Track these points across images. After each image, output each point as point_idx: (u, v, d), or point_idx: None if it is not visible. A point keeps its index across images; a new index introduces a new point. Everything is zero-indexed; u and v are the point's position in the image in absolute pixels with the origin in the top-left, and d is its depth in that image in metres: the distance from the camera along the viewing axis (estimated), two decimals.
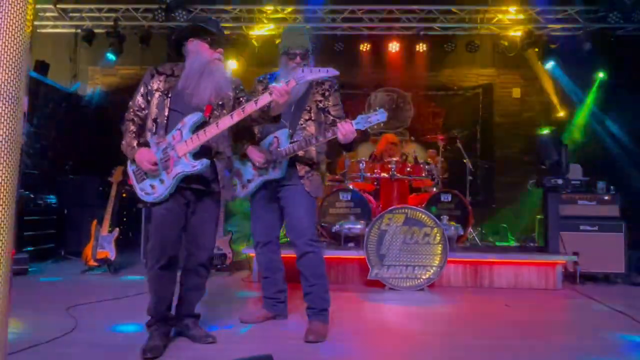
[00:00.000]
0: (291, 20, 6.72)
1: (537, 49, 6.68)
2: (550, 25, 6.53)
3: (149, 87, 2.49)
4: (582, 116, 7.22)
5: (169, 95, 2.47)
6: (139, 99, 2.49)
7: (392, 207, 4.39)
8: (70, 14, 6.89)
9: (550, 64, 6.59)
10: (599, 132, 7.11)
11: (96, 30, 6.85)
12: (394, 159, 5.40)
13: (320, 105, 2.90)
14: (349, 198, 5.19)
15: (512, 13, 6.45)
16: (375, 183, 5.61)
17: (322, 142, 2.73)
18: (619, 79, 6.91)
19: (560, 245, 4.78)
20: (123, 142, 2.46)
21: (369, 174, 5.42)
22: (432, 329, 3.04)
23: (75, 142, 6.90)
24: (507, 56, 6.89)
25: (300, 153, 2.80)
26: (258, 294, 3.13)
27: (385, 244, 4.27)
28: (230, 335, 2.74)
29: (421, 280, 4.23)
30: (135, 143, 2.44)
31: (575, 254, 4.70)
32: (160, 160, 2.39)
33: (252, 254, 4.54)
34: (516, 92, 7.52)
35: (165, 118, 2.44)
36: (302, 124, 2.85)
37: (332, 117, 2.91)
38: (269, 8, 6.61)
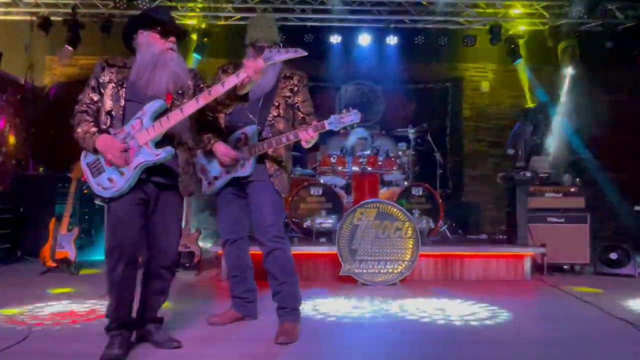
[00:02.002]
0: (260, 11, 6.54)
1: (506, 44, 6.75)
2: (518, 20, 6.60)
3: (101, 80, 2.36)
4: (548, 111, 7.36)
5: (124, 86, 2.34)
6: (90, 92, 2.36)
7: (364, 202, 4.34)
8: (25, 1, 6.50)
9: (517, 59, 6.67)
10: (565, 127, 7.28)
11: (53, 18, 6.50)
12: (365, 152, 5.36)
13: (290, 101, 2.81)
14: (320, 193, 5.11)
15: (480, 7, 6.48)
16: (347, 177, 5.56)
17: (292, 141, 2.66)
18: (584, 74, 7.08)
19: (529, 237, 4.85)
20: (78, 131, 2.30)
21: (340, 168, 5.37)
22: (404, 325, 3.00)
23: (32, 135, 6.56)
24: (476, 50, 6.93)
25: (270, 151, 2.70)
26: (227, 292, 3.00)
27: (357, 239, 4.22)
28: (197, 338, 2.62)
29: (393, 274, 4.20)
30: (94, 130, 2.28)
31: (542, 245, 4.78)
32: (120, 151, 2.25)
33: (221, 251, 4.42)
34: (485, 86, 7.60)
35: (122, 109, 2.32)
36: (270, 120, 2.76)
37: (302, 115, 2.83)
38: None
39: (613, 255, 4.95)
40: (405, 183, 5.34)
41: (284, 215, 2.91)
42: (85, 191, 5.91)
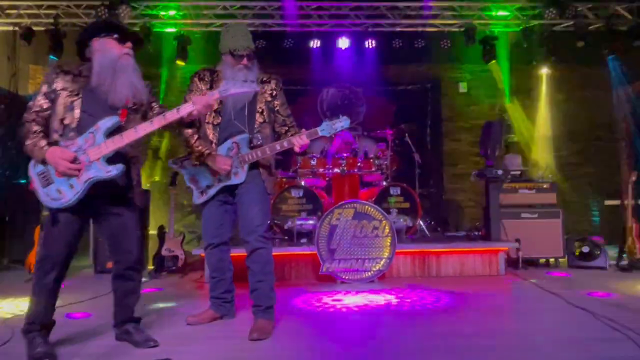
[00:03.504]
0: (240, 17, 6.66)
1: (481, 45, 6.91)
2: (492, 22, 6.77)
3: (53, 87, 2.37)
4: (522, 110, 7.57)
5: (80, 96, 2.37)
6: (40, 99, 2.36)
7: (341, 202, 4.48)
8: (7, 11, 6.56)
9: (492, 60, 6.84)
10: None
11: (35, 28, 6.56)
12: (344, 154, 5.50)
13: (270, 105, 2.94)
14: (301, 194, 5.24)
15: (455, 9, 6.65)
16: (327, 179, 5.69)
17: (285, 148, 2.78)
18: (558, 73, 7.30)
19: (502, 232, 5.01)
20: (27, 143, 2.31)
21: (320, 170, 5.50)
22: (380, 321, 3.14)
23: (17, 144, 6.60)
24: (453, 51, 7.10)
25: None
26: (209, 294, 3.13)
27: (336, 239, 4.36)
28: (177, 336, 2.74)
29: (371, 272, 4.34)
30: (43, 143, 2.30)
31: (517, 240, 4.95)
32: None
33: (204, 254, 4.53)
34: (463, 86, 7.77)
35: (76, 120, 2.35)
36: (257, 127, 2.87)
37: (282, 117, 2.97)
38: (216, 4, 6.53)
39: (585, 249, 5.13)
40: (384, 183, 5.48)
41: (269, 217, 3.04)
42: None
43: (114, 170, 2.32)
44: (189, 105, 2.41)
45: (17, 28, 6.64)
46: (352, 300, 3.66)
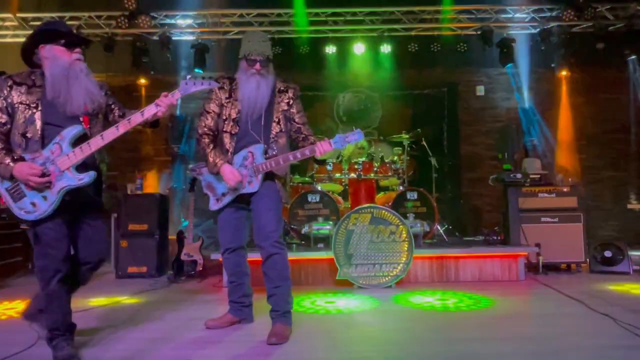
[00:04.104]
0: (256, 25, 6.75)
1: (498, 48, 6.87)
2: (509, 24, 6.72)
3: (9, 100, 2.35)
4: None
5: (39, 108, 2.36)
6: None
7: (358, 207, 4.48)
8: (31, 23, 6.77)
9: (509, 63, 6.79)
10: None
11: None
12: (361, 159, 5.51)
13: (287, 114, 2.95)
14: (317, 199, 5.26)
15: (472, 13, 6.62)
16: (343, 183, 5.71)
17: (298, 159, 2.79)
18: (578, 75, 7.19)
19: (522, 237, 4.95)
20: None
21: (337, 175, 5.53)
22: (398, 325, 3.13)
23: None
24: (469, 54, 7.06)
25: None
26: (227, 298, 3.16)
27: (353, 244, 4.36)
28: (196, 340, 2.78)
29: (389, 277, 4.33)
30: (8, 160, 2.29)
31: (537, 245, 4.88)
32: (40, 176, 2.30)
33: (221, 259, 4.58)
34: (480, 89, 7.72)
35: (39, 132, 2.34)
36: (273, 137, 2.88)
37: (297, 125, 2.96)
38: (232, 12, 6.63)
39: (607, 253, 5.02)
40: (401, 188, 5.47)
41: (283, 223, 3.06)
42: None
43: (86, 177, 2.35)
44: (153, 107, 2.45)
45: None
46: (368, 304, 3.66)
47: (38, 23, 6.76)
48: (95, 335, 2.88)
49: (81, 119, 2.41)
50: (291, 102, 2.95)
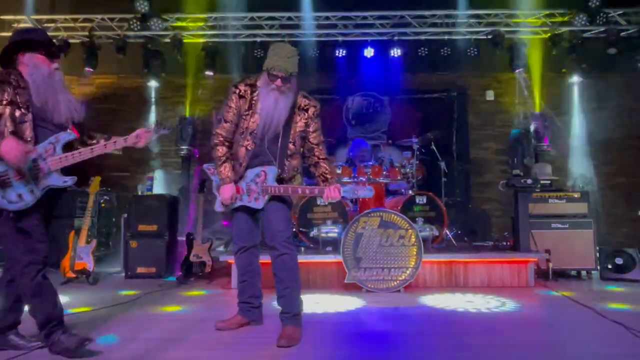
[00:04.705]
0: (267, 28, 6.78)
1: (508, 52, 6.85)
2: (519, 29, 6.70)
3: None
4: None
5: (30, 110, 2.44)
6: None
7: (367, 211, 4.48)
8: (45, 25, 6.85)
9: (519, 67, 6.76)
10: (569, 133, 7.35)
11: (71, 41, 6.83)
12: (370, 162, 5.51)
13: (303, 134, 2.92)
14: (326, 202, 5.25)
15: (482, 17, 6.61)
16: None
17: (306, 195, 2.84)
18: (590, 80, 7.13)
19: (532, 243, 4.91)
20: None
21: (345, 178, 5.52)
22: (407, 329, 3.12)
23: None
24: (480, 59, 7.04)
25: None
26: (236, 300, 3.17)
27: (362, 247, 4.35)
28: (205, 341, 2.78)
29: (397, 281, 4.32)
30: None
31: (547, 251, 4.84)
32: (30, 170, 2.41)
33: (232, 260, 4.59)
34: (490, 94, 7.69)
35: (31, 133, 2.43)
36: (288, 158, 2.88)
37: (311, 144, 2.94)
38: (245, 15, 6.67)
39: (618, 260, 4.98)
40: (410, 192, 5.46)
41: (292, 225, 3.08)
42: (102, 205, 6.18)
43: (70, 180, 2.51)
44: (134, 138, 2.63)
45: (54, 41, 6.92)
46: (378, 307, 3.65)
47: (52, 25, 6.85)
48: (104, 335, 2.89)
49: (69, 127, 2.56)
50: (309, 121, 2.91)
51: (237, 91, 2.88)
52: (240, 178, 2.90)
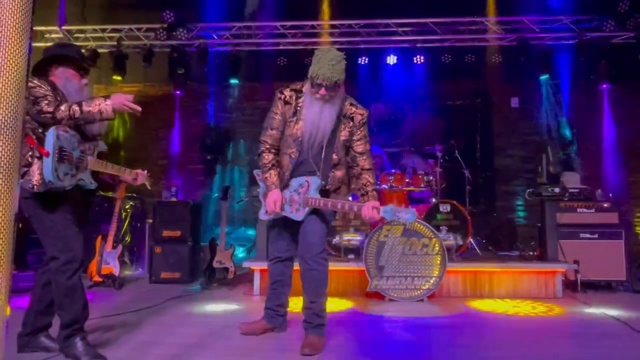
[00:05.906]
0: (290, 36, 6.84)
1: (534, 59, 6.73)
2: (544, 35, 6.59)
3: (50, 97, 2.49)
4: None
5: None
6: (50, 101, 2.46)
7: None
8: (75, 35, 7.06)
9: (544, 74, 6.64)
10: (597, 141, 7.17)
11: (100, 50, 7.01)
12: (392, 170, 5.47)
13: (347, 143, 2.84)
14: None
15: (506, 23, 6.53)
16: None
17: (345, 211, 2.77)
18: (620, 87, 6.95)
19: (560, 253, 4.80)
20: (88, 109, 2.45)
21: None
22: (431, 339, 3.08)
23: None
24: (505, 66, 6.94)
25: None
26: (258, 306, 3.18)
27: (384, 255, 4.32)
28: (229, 348, 2.79)
29: (421, 290, 4.26)
30: (100, 100, 2.46)
31: (575, 262, 4.72)
32: (77, 158, 2.51)
33: (254, 267, 4.62)
34: (514, 101, 7.57)
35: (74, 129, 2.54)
36: (332, 171, 2.82)
37: (354, 153, 2.85)
38: (267, 24, 6.74)
39: None
40: (433, 200, 5.40)
41: (326, 241, 3.00)
42: (128, 210, 6.30)
43: (94, 185, 2.64)
44: (134, 175, 2.92)
45: (83, 51, 7.12)
46: (402, 316, 3.60)
47: (82, 35, 7.05)
48: (130, 340, 2.93)
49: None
50: (354, 129, 2.81)
51: (282, 97, 2.83)
52: (285, 187, 2.87)
